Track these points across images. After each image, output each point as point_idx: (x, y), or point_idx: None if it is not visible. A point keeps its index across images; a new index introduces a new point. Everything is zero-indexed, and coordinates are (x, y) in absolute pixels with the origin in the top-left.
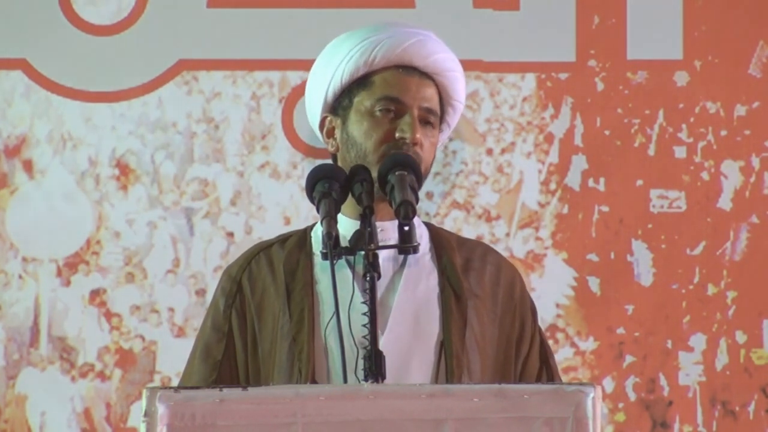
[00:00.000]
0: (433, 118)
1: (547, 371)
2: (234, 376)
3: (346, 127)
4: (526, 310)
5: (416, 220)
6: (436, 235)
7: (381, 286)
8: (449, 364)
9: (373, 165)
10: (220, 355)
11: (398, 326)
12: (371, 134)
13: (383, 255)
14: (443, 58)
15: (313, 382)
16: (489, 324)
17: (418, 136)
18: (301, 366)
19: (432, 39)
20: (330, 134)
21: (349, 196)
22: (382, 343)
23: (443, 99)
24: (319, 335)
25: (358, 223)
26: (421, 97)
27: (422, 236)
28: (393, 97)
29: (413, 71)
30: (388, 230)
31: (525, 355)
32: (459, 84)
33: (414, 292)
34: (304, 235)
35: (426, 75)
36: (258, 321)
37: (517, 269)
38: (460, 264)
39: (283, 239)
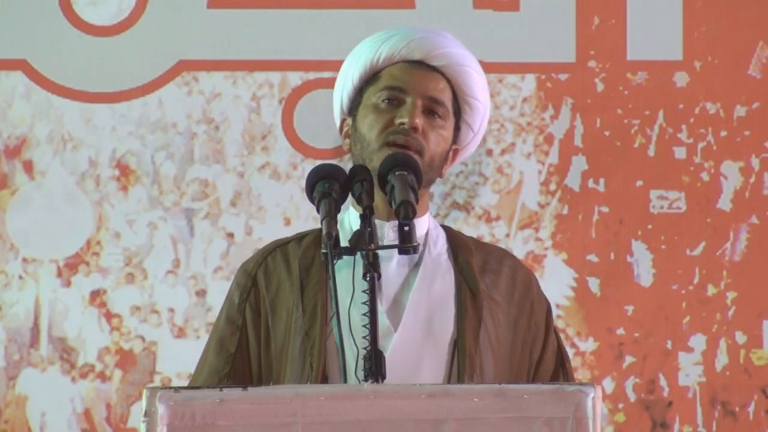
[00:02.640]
0: (439, 108)
1: (563, 374)
2: (246, 369)
3: (355, 123)
4: (542, 313)
5: (432, 221)
6: (454, 237)
7: (396, 284)
8: (462, 364)
9: (375, 153)
10: (234, 348)
11: (411, 325)
12: (374, 125)
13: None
14: (452, 53)
15: (324, 377)
16: (504, 326)
17: (417, 121)
18: (312, 361)
19: (442, 35)
20: (347, 135)
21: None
22: (395, 342)
23: (458, 95)
24: (332, 332)
25: (382, 221)
26: (425, 86)
27: (439, 237)
28: (394, 86)
29: (420, 65)
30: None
31: (538, 357)
32: (471, 79)
33: (429, 290)
34: (321, 233)
35: (435, 69)
36: (272, 316)
37: (532, 272)
38: (477, 265)
39: (300, 237)
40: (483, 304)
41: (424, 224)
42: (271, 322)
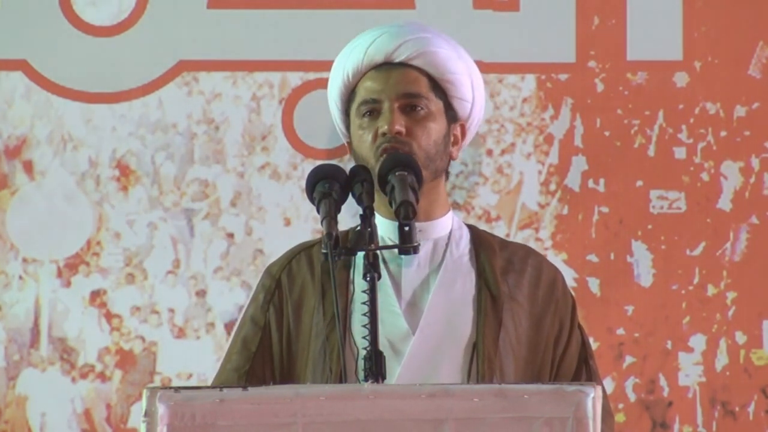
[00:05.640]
0: (417, 101)
1: (586, 371)
2: (268, 369)
3: (352, 144)
4: (567, 310)
5: (456, 221)
6: (478, 237)
7: (415, 286)
8: (480, 367)
9: (374, 169)
10: (255, 347)
11: (430, 328)
12: (363, 141)
13: (420, 255)
14: (409, 43)
15: (342, 381)
16: (526, 327)
17: (396, 126)
18: (332, 365)
19: (396, 29)
20: (353, 155)
21: (382, 196)
22: (413, 345)
23: (435, 78)
24: (351, 335)
25: (395, 223)
26: (394, 86)
27: (462, 237)
28: (367, 99)
29: (388, 65)
30: (425, 231)
31: (561, 353)
32: (438, 58)
33: (449, 293)
34: (345, 236)
35: (402, 64)
36: (294, 318)
37: (558, 270)
38: (500, 266)
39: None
40: (504, 307)
41: (446, 224)
42: (293, 324)
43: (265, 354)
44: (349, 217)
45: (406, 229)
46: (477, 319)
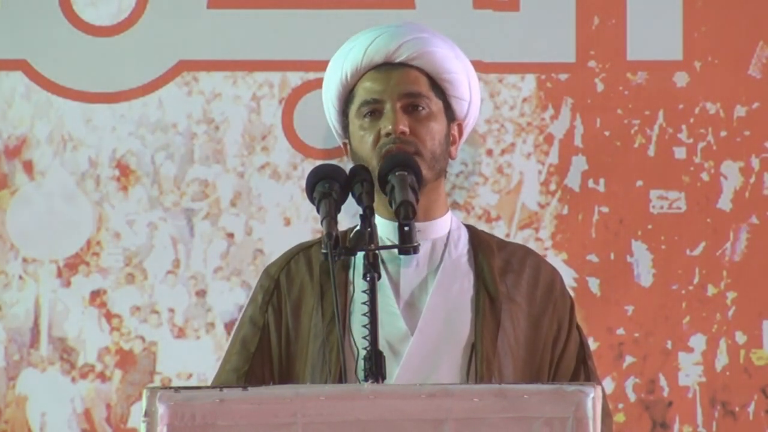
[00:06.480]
0: (418, 100)
1: (585, 371)
2: (267, 369)
3: (351, 144)
4: (565, 310)
5: (455, 221)
6: (476, 237)
7: (414, 287)
8: (479, 368)
9: (375, 169)
10: (254, 348)
11: (428, 328)
12: (364, 142)
13: (419, 255)
14: (408, 43)
15: (342, 381)
16: (524, 328)
17: (400, 126)
18: (331, 365)
19: (394, 29)
20: (351, 156)
21: (382, 197)
22: (411, 346)
23: (434, 78)
24: (351, 335)
25: (394, 223)
26: (396, 86)
27: (461, 238)
28: (368, 100)
29: (387, 66)
30: (424, 231)
31: (560, 354)
32: (437, 57)
33: (447, 293)
34: (344, 236)
35: (402, 64)
36: (293, 319)
37: (557, 270)
38: (498, 266)
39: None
40: (502, 307)
41: (445, 224)
42: (292, 325)
43: (264, 355)
44: (349, 217)
45: (406, 229)
46: (475, 320)
